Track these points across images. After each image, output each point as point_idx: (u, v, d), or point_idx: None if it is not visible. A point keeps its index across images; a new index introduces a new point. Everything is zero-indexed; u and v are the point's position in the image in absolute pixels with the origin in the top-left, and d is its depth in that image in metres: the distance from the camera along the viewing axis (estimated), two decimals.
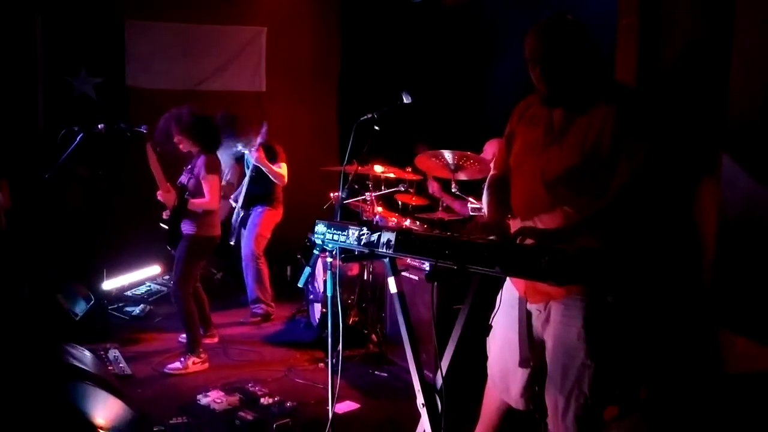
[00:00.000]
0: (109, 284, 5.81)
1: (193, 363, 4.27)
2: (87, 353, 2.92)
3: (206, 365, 4.33)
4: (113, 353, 4.43)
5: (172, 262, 4.44)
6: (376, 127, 3.50)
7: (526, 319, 2.31)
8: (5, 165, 5.16)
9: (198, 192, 4.30)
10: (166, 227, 4.36)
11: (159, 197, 4.33)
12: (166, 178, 4.36)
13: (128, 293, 6.05)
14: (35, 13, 6.51)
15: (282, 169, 5.37)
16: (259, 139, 5.27)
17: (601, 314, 2.13)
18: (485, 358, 2.52)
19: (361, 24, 7.11)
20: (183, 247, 4.30)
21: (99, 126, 4.34)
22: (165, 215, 4.38)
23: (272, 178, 5.33)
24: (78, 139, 4.24)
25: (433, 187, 4.75)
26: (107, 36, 6.71)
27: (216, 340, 4.80)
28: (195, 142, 4.38)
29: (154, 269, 6.38)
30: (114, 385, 2.69)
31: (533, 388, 2.32)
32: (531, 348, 2.30)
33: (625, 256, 2.15)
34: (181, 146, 4.41)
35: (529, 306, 2.31)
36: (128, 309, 5.62)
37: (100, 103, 6.67)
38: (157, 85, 6.79)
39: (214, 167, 4.35)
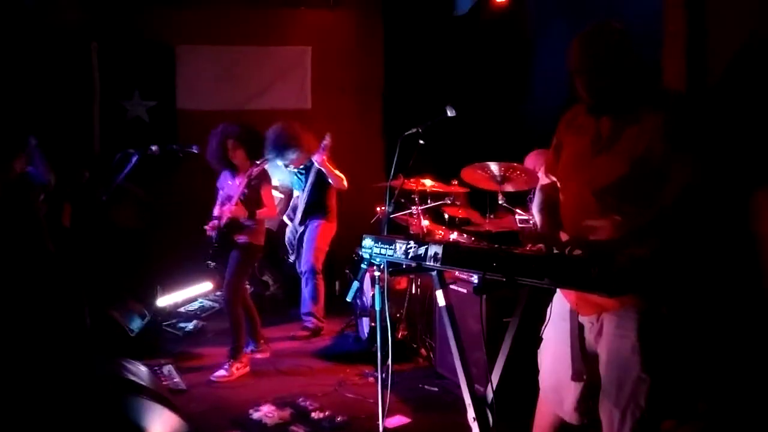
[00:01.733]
0: (163, 301, 5.95)
1: (237, 369, 4.45)
2: (143, 368, 3.00)
3: (247, 368, 4.53)
4: (167, 368, 4.53)
5: (221, 278, 4.57)
6: (421, 141, 3.51)
7: (578, 331, 2.27)
8: (66, 188, 5.37)
9: (256, 202, 4.50)
10: (217, 239, 4.45)
11: (227, 212, 4.44)
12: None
13: (181, 309, 6.19)
14: (92, 42, 6.82)
15: (340, 177, 5.43)
16: (324, 142, 5.32)
17: (656, 326, 2.08)
18: (536, 371, 2.49)
19: (404, 39, 7.17)
20: (237, 256, 4.49)
21: (153, 148, 4.49)
22: (209, 229, 4.48)
23: (333, 182, 5.39)
24: (133, 161, 4.39)
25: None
26: (159, 61, 6.98)
27: (267, 354, 4.88)
28: (249, 152, 4.60)
29: (206, 286, 6.52)
30: (169, 400, 2.75)
31: (587, 402, 2.27)
32: (584, 361, 2.26)
33: (678, 266, 2.10)
34: (236, 159, 4.59)
35: (581, 318, 2.26)
36: (181, 325, 5.75)
37: (152, 125, 6.92)
38: (205, 107, 7.00)
39: (269, 178, 4.70)
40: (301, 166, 5.59)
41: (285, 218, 5.83)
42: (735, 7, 2.62)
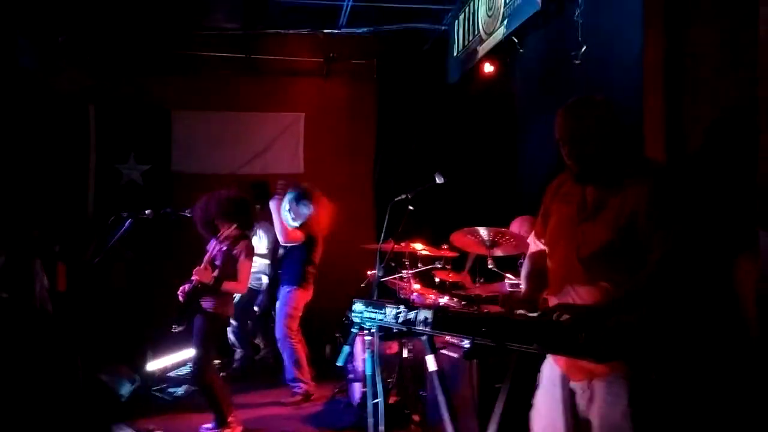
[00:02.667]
0: (153, 365, 5.88)
1: None
2: None
3: (239, 428, 4.42)
4: None
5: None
6: (410, 207, 3.59)
7: (569, 397, 2.28)
8: (60, 249, 5.39)
9: (230, 272, 4.37)
10: (183, 302, 4.30)
11: (196, 274, 4.29)
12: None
13: (171, 374, 6.10)
14: (89, 105, 6.96)
15: (296, 232, 5.35)
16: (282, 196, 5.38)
17: (646, 392, 2.10)
18: None
19: (396, 106, 7.40)
20: (202, 324, 4.31)
21: (146, 212, 4.53)
22: (180, 293, 4.32)
23: (277, 231, 5.38)
24: (126, 225, 4.43)
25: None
26: (155, 125, 7.12)
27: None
28: (233, 223, 4.45)
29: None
30: None
31: None
32: (576, 427, 2.26)
33: (664, 331, 2.14)
34: (222, 229, 4.47)
35: (572, 384, 2.27)
36: (171, 390, 5.65)
37: (147, 188, 7.00)
38: (200, 170, 7.11)
39: (251, 253, 4.53)
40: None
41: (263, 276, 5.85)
42: (709, 84, 2.76)
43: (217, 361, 5.22)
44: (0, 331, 3.95)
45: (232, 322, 5.79)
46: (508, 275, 4.31)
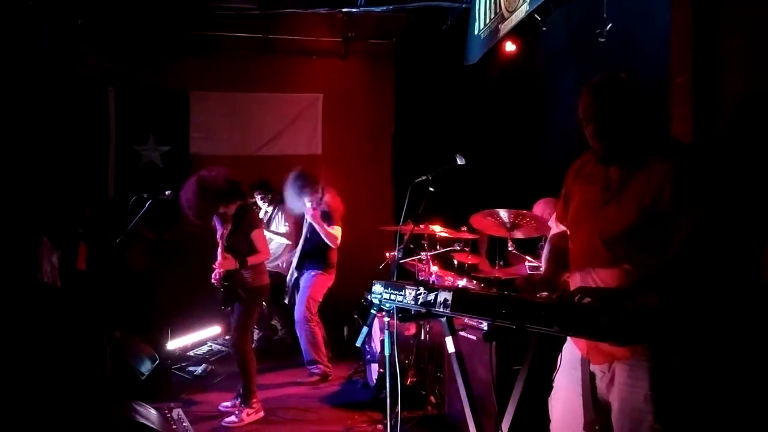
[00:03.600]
0: (173, 344, 5.95)
1: (248, 414, 4.40)
2: (153, 411, 3.00)
3: (261, 413, 4.47)
4: (176, 412, 4.51)
5: (229, 320, 4.54)
6: (431, 189, 3.55)
7: (589, 380, 2.26)
8: (79, 231, 5.46)
9: (248, 247, 4.45)
10: (223, 289, 4.42)
11: (217, 266, 4.37)
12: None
13: (191, 353, 6.18)
14: (108, 88, 6.99)
15: (335, 230, 5.45)
16: (317, 197, 5.40)
17: (669, 375, 2.06)
18: (547, 420, 2.46)
19: (415, 87, 7.32)
20: (242, 301, 4.44)
21: (166, 192, 4.54)
22: (214, 278, 4.40)
23: (324, 238, 5.43)
24: (147, 205, 4.45)
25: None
26: (174, 107, 7.14)
27: (261, 414, 4.59)
28: (227, 203, 4.46)
29: (215, 330, 6.52)
30: None
31: None
32: (596, 410, 2.23)
33: (688, 314, 2.10)
34: (220, 210, 4.47)
35: (592, 367, 2.25)
36: (191, 368, 5.73)
37: (166, 170, 7.03)
38: (218, 152, 7.12)
39: (257, 222, 4.62)
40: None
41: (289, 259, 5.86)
42: (742, 57, 2.68)
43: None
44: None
45: None
46: (528, 258, 4.27)
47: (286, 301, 5.77)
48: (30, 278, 4.47)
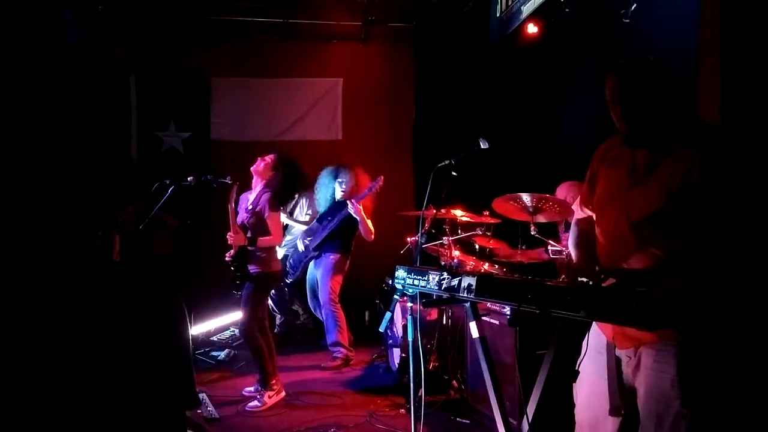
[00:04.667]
0: (197, 329, 6.02)
1: (269, 397, 4.46)
2: None
3: (282, 393, 4.55)
4: (201, 396, 4.56)
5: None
6: (454, 173, 3.53)
7: (615, 365, 2.24)
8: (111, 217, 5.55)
9: (261, 229, 4.49)
10: (233, 267, 4.49)
11: (229, 239, 4.47)
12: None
13: (214, 338, 6.25)
14: (130, 75, 7.04)
15: (370, 225, 5.51)
16: (365, 192, 5.46)
17: (697, 360, 2.04)
18: (572, 405, 2.45)
19: (436, 70, 7.25)
20: (250, 286, 4.48)
21: (189, 179, 4.58)
22: (228, 257, 4.51)
23: (362, 232, 5.46)
24: (169, 191, 4.49)
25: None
26: (194, 93, 7.16)
27: (282, 394, 4.67)
28: (281, 179, 4.61)
29: (238, 315, 6.56)
30: (204, 428, 2.78)
31: None
32: (622, 395, 2.22)
33: (716, 299, 2.07)
34: (264, 174, 4.64)
35: (618, 352, 2.23)
36: (214, 353, 5.80)
37: (187, 156, 7.07)
38: (238, 138, 7.15)
39: (276, 205, 4.63)
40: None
41: (298, 241, 5.89)
42: None
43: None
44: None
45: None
46: (551, 242, 4.24)
47: (290, 280, 5.83)
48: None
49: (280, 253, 5.87)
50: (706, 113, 2.79)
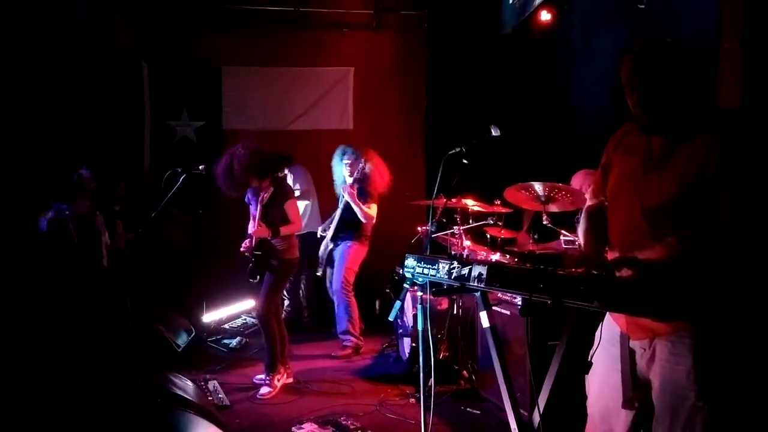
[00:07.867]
0: (209, 317, 6.04)
1: (278, 380, 4.52)
2: (189, 383, 3.04)
3: (290, 378, 4.65)
4: (212, 383, 4.59)
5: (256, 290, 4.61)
6: (465, 161, 3.49)
7: (629, 357, 2.20)
8: (115, 208, 5.57)
9: (281, 218, 4.51)
10: (254, 258, 4.48)
11: (252, 232, 4.50)
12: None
13: (226, 326, 6.27)
14: (142, 63, 7.03)
15: (371, 209, 5.46)
16: (355, 176, 5.41)
17: (713, 352, 2.00)
18: (584, 396, 2.42)
19: (447, 59, 7.19)
20: (271, 276, 4.52)
21: (200, 167, 4.57)
22: (243, 247, 4.50)
23: (359, 215, 5.43)
24: (180, 180, 4.48)
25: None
26: (206, 82, 7.14)
27: (291, 380, 4.74)
28: (262, 174, 4.53)
29: (249, 303, 6.58)
30: (214, 415, 2.78)
31: (638, 431, 2.19)
32: (635, 387, 2.18)
33: (733, 290, 2.02)
34: (252, 185, 4.56)
35: (632, 343, 2.19)
36: (226, 341, 5.82)
37: (200, 145, 7.07)
38: (251, 127, 7.13)
39: (289, 192, 4.66)
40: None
41: (320, 231, 5.87)
42: None
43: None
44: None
45: None
46: (563, 232, 4.19)
47: (319, 273, 5.81)
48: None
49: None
50: (725, 100, 2.73)
